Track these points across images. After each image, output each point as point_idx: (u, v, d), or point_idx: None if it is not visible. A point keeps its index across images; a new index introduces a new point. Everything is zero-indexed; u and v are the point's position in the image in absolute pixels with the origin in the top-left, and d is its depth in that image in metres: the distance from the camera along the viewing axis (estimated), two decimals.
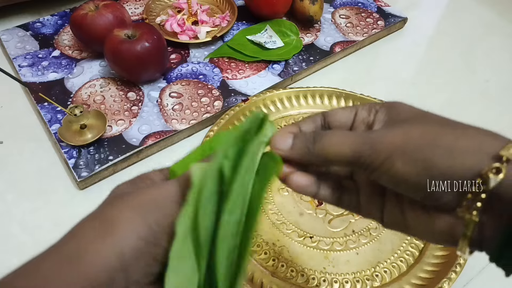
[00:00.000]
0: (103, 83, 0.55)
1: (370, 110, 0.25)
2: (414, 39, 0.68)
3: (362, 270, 0.40)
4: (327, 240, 0.42)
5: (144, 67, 0.52)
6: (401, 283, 0.39)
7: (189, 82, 0.56)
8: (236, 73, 0.57)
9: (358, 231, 0.42)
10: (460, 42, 0.68)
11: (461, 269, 0.37)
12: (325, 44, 0.62)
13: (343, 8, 0.70)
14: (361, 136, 0.23)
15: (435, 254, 0.40)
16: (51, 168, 0.47)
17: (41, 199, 0.45)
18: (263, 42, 0.60)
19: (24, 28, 0.62)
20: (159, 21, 0.63)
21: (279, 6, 0.62)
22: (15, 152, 0.49)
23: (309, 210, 0.44)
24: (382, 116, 0.24)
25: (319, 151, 0.23)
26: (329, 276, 0.39)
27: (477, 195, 0.19)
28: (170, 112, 0.52)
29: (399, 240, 0.42)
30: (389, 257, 0.41)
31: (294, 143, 0.24)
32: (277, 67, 0.58)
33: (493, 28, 0.72)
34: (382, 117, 0.24)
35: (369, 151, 0.22)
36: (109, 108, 0.52)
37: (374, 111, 0.25)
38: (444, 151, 0.20)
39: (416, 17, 0.71)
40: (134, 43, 0.50)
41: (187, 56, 0.60)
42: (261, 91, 0.54)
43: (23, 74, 0.55)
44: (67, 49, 0.59)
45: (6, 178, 0.46)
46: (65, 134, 0.47)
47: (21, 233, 0.42)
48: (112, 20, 0.54)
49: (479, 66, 0.65)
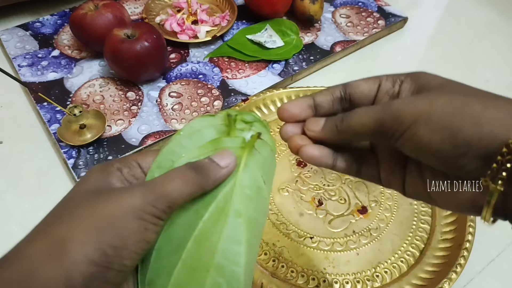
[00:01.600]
0: (102, 83, 0.55)
1: (395, 81, 0.25)
2: (414, 39, 0.68)
3: (363, 270, 0.40)
4: (327, 241, 0.42)
5: (144, 66, 0.52)
6: (401, 284, 0.39)
7: (189, 82, 0.56)
8: (236, 72, 0.57)
9: (358, 231, 0.42)
10: (460, 42, 0.68)
11: (461, 269, 0.37)
12: (325, 44, 0.62)
13: (344, 7, 0.70)
14: (384, 104, 0.22)
15: (435, 254, 0.40)
16: (51, 168, 0.47)
17: (41, 199, 0.45)
18: (263, 41, 0.60)
19: (24, 28, 0.62)
20: (159, 20, 0.63)
21: (279, 6, 0.62)
22: (15, 152, 0.49)
23: (309, 210, 0.44)
24: (408, 86, 0.24)
25: (346, 127, 0.24)
26: (329, 276, 0.39)
27: (503, 165, 0.19)
28: (169, 112, 0.52)
29: (399, 240, 0.42)
30: (389, 258, 0.41)
31: (325, 125, 0.25)
32: (277, 66, 0.58)
33: (493, 28, 0.72)
34: (408, 87, 0.24)
35: (392, 118, 0.21)
36: (108, 108, 0.52)
37: (399, 81, 0.24)
38: (471, 119, 0.19)
39: (416, 16, 0.71)
40: (134, 42, 0.50)
41: (187, 55, 0.59)
42: (261, 91, 0.54)
43: (22, 74, 0.55)
44: (67, 48, 0.59)
45: (6, 178, 0.46)
46: (64, 134, 0.47)
47: (21, 233, 0.42)
48: (112, 19, 0.54)
49: (479, 66, 0.65)
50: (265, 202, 0.24)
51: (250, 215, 0.23)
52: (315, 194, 0.45)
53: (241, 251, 0.22)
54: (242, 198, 0.23)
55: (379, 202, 0.45)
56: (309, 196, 0.45)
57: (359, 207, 0.44)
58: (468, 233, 0.39)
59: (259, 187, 0.24)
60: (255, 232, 0.23)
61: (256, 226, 0.23)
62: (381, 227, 0.43)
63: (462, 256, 0.38)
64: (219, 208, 0.22)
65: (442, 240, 0.41)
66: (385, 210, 0.44)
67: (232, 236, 0.22)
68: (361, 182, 0.46)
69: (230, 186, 0.23)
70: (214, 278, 0.21)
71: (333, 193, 0.45)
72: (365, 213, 0.44)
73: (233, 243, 0.22)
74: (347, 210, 0.44)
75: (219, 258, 0.21)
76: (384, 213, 0.44)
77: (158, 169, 0.23)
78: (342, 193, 0.45)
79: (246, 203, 0.23)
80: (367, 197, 0.45)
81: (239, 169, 0.23)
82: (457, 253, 0.39)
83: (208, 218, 0.22)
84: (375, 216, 0.44)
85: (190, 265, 0.21)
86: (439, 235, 0.42)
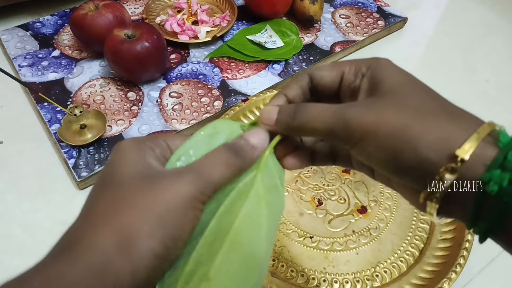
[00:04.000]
0: (103, 83, 0.55)
1: (357, 74, 0.25)
2: (414, 39, 0.68)
3: (362, 270, 0.40)
4: (327, 240, 0.42)
5: (144, 67, 0.52)
6: (401, 283, 0.39)
7: (189, 82, 0.56)
8: (236, 73, 0.57)
9: (358, 231, 0.42)
10: (460, 42, 0.68)
11: (461, 269, 0.37)
12: (325, 44, 0.62)
13: (343, 8, 0.70)
14: (336, 113, 0.23)
15: (435, 254, 0.40)
16: (51, 168, 0.47)
17: (41, 199, 0.45)
18: (263, 42, 0.60)
19: (24, 28, 0.62)
20: (159, 21, 0.63)
21: (279, 6, 0.62)
22: (15, 152, 0.49)
23: (309, 210, 0.44)
24: (366, 83, 0.24)
25: (297, 125, 0.24)
26: (329, 276, 0.39)
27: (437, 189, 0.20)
28: (170, 112, 0.52)
29: (399, 240, 0.42)
30: (389, 257, 0.41)
31: (278, 118, 0.25)
32: (277, 67, 0.58)
33: (493, 28, 0.72)
34: (366, 85, 0.24)
35: (342, 130, 0.22)
36: (109, 108, 0.52)
37: (361, 75, 0.25)
38: (410, 144, 0.20)
39: (416, 17, 0.71)
40: (134, 43, 0.50)
41: (187, 56, 0.59)
42: (261, 91, 0.54)
43: (23, 74, 0.55)
44: (67, 49, 0.59)
45: (6, 178, 0.46)
46: (65, 134, 0.47)
47: (21, 233, 0.42)
48: (112, 20, 0.54)
49: (479, 66, 0.65)
50: (281, 200, 0.25)
51: (269, 200, 0.23)
52: (315, 194, 0.45)
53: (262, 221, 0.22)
54: (263, 187, 0.23)
55: (379, 202, 0.45)
56: (309, 196, 0.45)
57: (359, 206, 0.44)
58: (468, 233, 0.39)
59: (276, 185, 0.25)
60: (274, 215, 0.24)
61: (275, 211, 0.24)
62: (380, 226, 0.43)
63: (461, 256, 0.38)
64: (240, 192, 0.22)
65: (442, 239, 0.41)
66: (385, 210, 0.44)
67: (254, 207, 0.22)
68: (361, 182, 0.46)
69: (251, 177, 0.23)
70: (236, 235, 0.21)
71: (333, 193, 0.45)
72: (365, 213, 0.44)
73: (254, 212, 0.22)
74: (346, 209, 0.44)
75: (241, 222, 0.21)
76: (384, 212, 0.44)
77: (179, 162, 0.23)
78: (342, 193, 0.45)
79: (267, 191, 0.23)
80: (366, 197, 0.45)
81: (261, 161, 0.24)
82: (457, 253, 0.39)
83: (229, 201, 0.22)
84: (375, 216, 0.44)
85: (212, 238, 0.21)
86: (439, 235, 0.42)
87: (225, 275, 0.21)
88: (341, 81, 0.26)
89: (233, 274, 0.21)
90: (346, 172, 0.47)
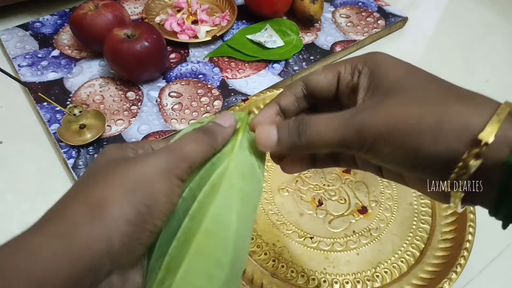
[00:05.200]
0: (102, 82, 0.55)
1: (353, 72, 0.24)
2: (414, 39, 0.68)
3: (363, 270, 0.40)
4: (327, 241, 0.42)
5: (144, 66, 0.52)
6: (401, 284, 0.39)
7: (189, 82, 0.56)
8: (236, 72, 0.57)
9: (358, 231, 0.42)
10: (460, 42, 0.68)
11: (461, 269, 0.37)
12: (325, 44, 0.62)
13: (344, 7, 0.70)
14: (344, 122, 0.22)
15: (435, 254, 0.40)
16: (51, 168, 0.47)
17: (40, 199, 0.45)
18: (263, 41, 0.60)
19: (24, 28, 0.62)
20: (159, 20, 0.63)
21: (279, 5, 0.62)
22: (14, 152, 0.49)
23: (309, 210, 0.44)
24: (365, 81, 0.24)
25: (305, 143, 0.23)
26: (329, 276, 0.39)
27: (461, 176, 0.19)
28: (169, 112, 0.52)
29: (399, 240, 0.42)
30: (389, 258, 0.41)
31: (279, 139, 0.24)
32: (277, 66, 0.58)
33: (493, 28, 0.72)
34: (365, 83, 0.24)
35: (355, 138, 0.21)
36: (108, 108, 0.52)
37: (357, 72, 0.24)
38: (427, 137, 0.20)
39: (416, 17, 0.71)
40: (134, 42, 0.50)
41: (187, 55, 0.59)
42: (261, 91, 0.54)
43: (22, 74, 0.55)
44: (67, 48, 0.59)
45: (6, 178, 0.46)
46: (64, 134, 0.47)
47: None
48: (112, 19, 0.54)
49: (479, 66, 0.65)
50: (259, 184, 0.25)
51: (243, 189, 0.23)
52: (315, 194, 0.45)
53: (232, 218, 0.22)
54: (237, 175, 0.23)
55: (379, 202, 0.45)
56: (309, 196, 0.45)
57: (359, 207, 0.44)
58: (468, 233, 0.39)
59: (252, 166, 0.25)
60: (248, 205, 0.24)
61: (250, 200, 0.24)
62: (381, 227, 0.43)
63: (462, 256, 0.38)
64: (213, 185, 0.23)
65: (442, 240, 0.41)
66: (385, 210, 0.44)
67: (224, 203, 0.22)
68: (361, 182, 0.46)
69: (224, 166, 0.23)
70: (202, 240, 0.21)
71: (333, 193, 0.45)
72: (365, 213, 0.44)
73: (224, 209, 0.22)
74: (347, 210, 0.44)
75: (208, 223, 0.22)
76: (384, 213, 0.44)
77: None
78: (342, 193, 0.45)
79: (240, 179, 0.23)
80: (367, 197, 0.45)
81: (234, 149, 0.24)
82: (457, 253, 0.39)
83: (202, 196, 0.22)
84: (375, 216, 0.44)
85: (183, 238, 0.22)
86: (439, 235, 0.42)
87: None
88: (338, 82, 0.25)
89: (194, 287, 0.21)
90: (346, 172, 0.47)
